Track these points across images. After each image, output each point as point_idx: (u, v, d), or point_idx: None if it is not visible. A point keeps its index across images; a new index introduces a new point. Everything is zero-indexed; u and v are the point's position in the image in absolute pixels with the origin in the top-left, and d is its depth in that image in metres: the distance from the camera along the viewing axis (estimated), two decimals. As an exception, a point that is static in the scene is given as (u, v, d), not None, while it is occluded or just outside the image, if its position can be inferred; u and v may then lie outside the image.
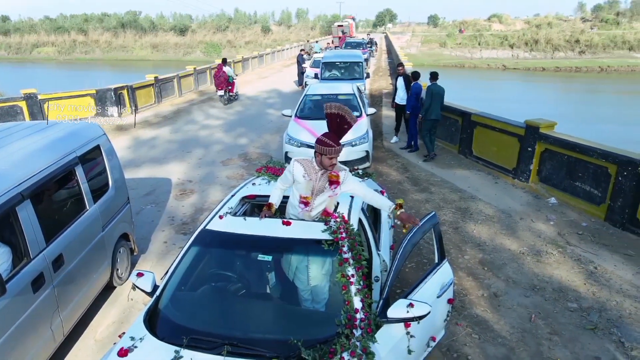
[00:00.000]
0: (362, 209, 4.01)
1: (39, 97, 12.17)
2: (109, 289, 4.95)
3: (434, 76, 9.08)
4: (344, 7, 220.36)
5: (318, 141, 3.34)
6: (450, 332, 4.28)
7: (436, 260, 3.76)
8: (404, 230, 3.40)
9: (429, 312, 2.97)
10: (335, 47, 29.74)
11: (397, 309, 2.96)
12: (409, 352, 3.08)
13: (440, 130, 10.00)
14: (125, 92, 13.91)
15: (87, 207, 4.44)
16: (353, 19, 53.08)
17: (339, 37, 38.95)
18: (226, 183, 8.36)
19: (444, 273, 3.62)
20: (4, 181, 3.40)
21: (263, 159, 9.81)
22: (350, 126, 3.38)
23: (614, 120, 20.69)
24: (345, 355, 2.67)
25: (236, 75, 18.87)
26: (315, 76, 15.62)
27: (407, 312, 2.93)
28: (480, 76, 43.15)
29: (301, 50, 20.93)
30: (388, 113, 13.70)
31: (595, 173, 6.34)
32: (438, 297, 3.45)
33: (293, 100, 16.22)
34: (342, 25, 43.58)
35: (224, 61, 16.59)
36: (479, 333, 4.26)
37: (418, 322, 3.02)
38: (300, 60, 20.04)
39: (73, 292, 4.05)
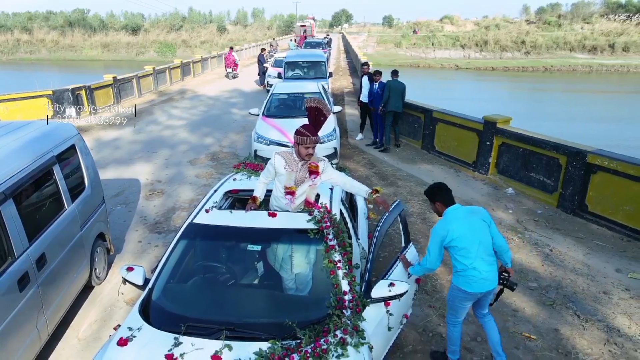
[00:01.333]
0: (342, 200, 4.24)
1: (-9, 98, 11.64)
2: (87, 288, 4.93)
3: (394, 73, 9.76)
4: (300, 7, 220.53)
5: (297, 132, 3.58)
6: (425, 314, 4.59)
7: (403, 244, 4.06)
8: (371, 215, 3.68)
9: (408, 290, 3.25)
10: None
11: (380, 289, 3.23)
12: (389, 329, 3.35)
13: (404, 127, 10.42)
14: (83, 92, 13.50)
15: (66, 207, 4.42)
16: (313, 19, 53.69)
17: (300, 37, 39.27)
18: (196, 182, 8.37)
19: (411, 255, 3.91)
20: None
21: (231, 158, 9.89)
22: (325, 118, 3.66)
23: (561, 117, 22.00)
24: (338, 332, 2.87)
25: (239, 60, 24.29)
26: (279, 75, 15.74)
27: (389, 290, 3.21)
28: (435, 76, 44.45)
29: (262, 50, 20.93)
30: (351, 111, 14.04)
31: (547, 164, 6.87)
32: (408, 277, 3.73)
33: (255, 99, 16.29)
34: (304, 25, 44.40)
35: (232, 48, 23.96)
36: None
37: (399, 300, 3.29)
38: (261, 60, 20.06)
39: (56, 291, 4.04)
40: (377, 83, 9.74)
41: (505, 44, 54.91)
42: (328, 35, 47.34)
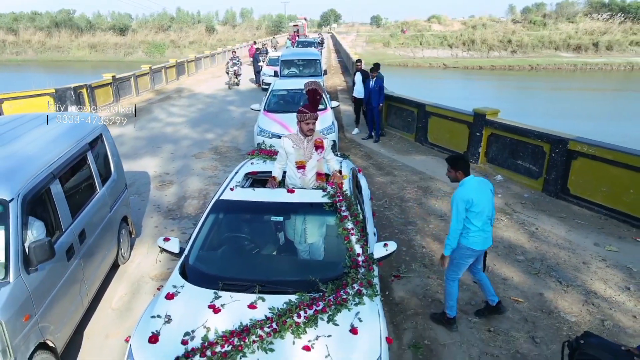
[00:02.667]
0: (350, 180, 4.73)
1: (-4, 97, 11.92)
2: (114, 267, 5.34)
3: (377, 67, 10.56)
4: (288, 7, 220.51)
5: (298, 111, 4.27)
6: (424, 283, 5.09)
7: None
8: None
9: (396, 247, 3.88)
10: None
11: (379, 250, 3.83)
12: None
13: (398, 121, 10.94)
14: (84, 91, 13.83)
15: (98, 190, 4.86)
16: (305, 19, 54.40)
17: (292, 36, 39.90)
18: (202, 174, 8.80)
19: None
20: (37, 163, 3.81)
21: (233, 152, 10.33)
22: (320, 96, 4.40)
23: (547, 114, 22.69)
24: (355, 285, 3.37)
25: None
26: (275, 74, 16.17)
27: (386, 250, 3.81)
28: (424, 75, 45.06)
29: (256, 50, 21.34)
30: (345, 108, 14.51)
31: (533, 152, 7.43)
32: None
33: (250, 97, 16.69)
34: (297, 25, 45.58)
35: (255, 42, 27.92)
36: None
37: (393, 256, 3.85)
38: (256, 59, 20.46)
39: (93, 265, 4.47)
40: (373, 79, 10.19)
41: (492, 43, 55.75)
42: (321, 34, 48.09)
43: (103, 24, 69.26)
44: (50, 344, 3.50)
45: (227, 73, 20.07)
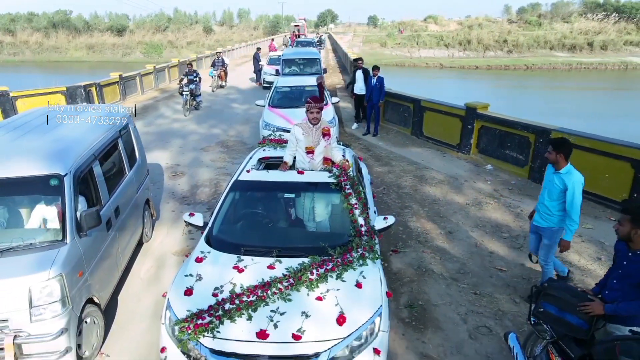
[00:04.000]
0: (352, 165, 5.31)
1: (11, 94, 12.43)
2: (139, 245, 5.89)
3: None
4: (285, 7, 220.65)
5: (306, 102, 4.96)
6: (419, 256, 5.68)
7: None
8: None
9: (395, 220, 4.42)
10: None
11: (379, 223, 4.35)
12: None
13: (395, 116, 11.53)
14: (93, 89, 14.37)
15: (127, 173, 5.44)
16: (304, 20, 55.18)
17: (291, 36, 40.61)
18: (212, 165, 9.37)
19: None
20: (82, 145, 4.39)
21: (240, 145, 10.91)
22: (323, 87, 5.09)
23: (543, 113, 23.27)
24: (359, 250, 3.93)
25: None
26: (277, 73, 16.73)
27: (386, 222, 4.35)
28: (420, 74, 45.54)
29: (257, 49, 21.89)
30: (344, 105, 15.10)
31: (519, 142, 8.03)
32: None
33: (252, 95, 17.28)
34: (298, 25, 46.47)
35: (272, 40, 30.01)
36: (440, 256, 5.68)
37: (391, 234, 4.40)
38: (257, 58, 21.01)
39: (125, 238, 5.05)
40: (375, 77, 10.75)
41: (487, 43, 56.36)
42: (320, 35, 48.84)
43: (100, 24, 69.39)
44: (96, 300, 4.08)
45: (181, 94, 14.28)
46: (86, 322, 3.84)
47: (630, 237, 2.97)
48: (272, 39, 35.62)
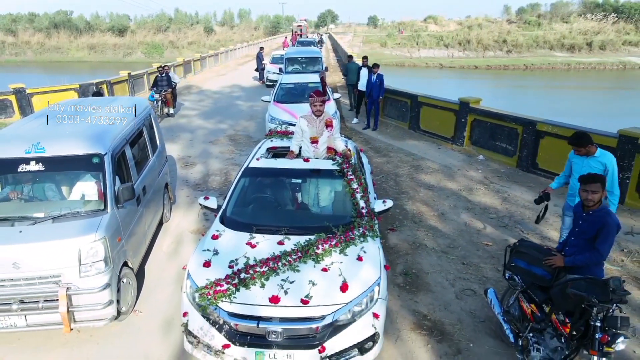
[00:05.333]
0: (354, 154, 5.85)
1: (27, 91, 13.06)
2: (159, 225, 6.49)
3: (350, 57, 14.16)
4: (286, 7, 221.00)
5: (310, 95, 5.43)
6: (414, 234, 6.27)
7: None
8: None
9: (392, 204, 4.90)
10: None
11: (379, 206, 4.78)
12: None
13: (394, 111, 12.14)
14: (104, 86, 14.99)
15: (150, 157, 6.04)
16: (305, 20, 55.84)
17: (293, 36, 41.34)
18: (221, 157, 9.97)
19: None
20: (115, 130, 5.00)
21: (246, 139, 11.51)
22: (325, 82, 5.55)
23: (543, 114, 23.65)
24: (360, 229, 4.33)
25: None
26: (280, 71, 17.35)
27: (385, 205, 4.78)
28: (420, 74, 45.89)
29: (260, 49, 22.52)
30: (345, 101, 15.70)
31: (508, 134, 8.64)
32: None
33: (256, 93, 17.90)
34: (300, 26, 47.26)
35: (286, 37, 32.23)
36: (432, 234, 6.29)
37: (389, 215, 4.90)
38: (260, 57, 21.63)
39: (151, 214, 5.65)
40: (375, 75, 11.35)
41: (487, 43, 56.67)
42: (321, 35, 49.54)
43: (101, 25, 69.49)
44: (129, 264, 4.68)
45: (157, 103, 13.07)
46: (123, 282, 4.44)
47: (600, 200, 3.51)
48: (285, 37, 40.97)
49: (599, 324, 3.04)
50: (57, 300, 3.93)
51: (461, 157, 9.53)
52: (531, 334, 3.61)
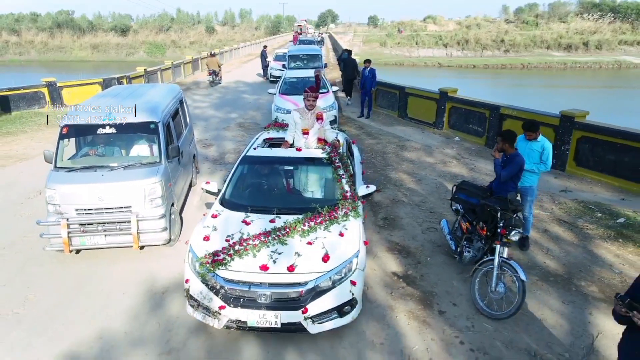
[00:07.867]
0: (344, 146, 7.10)
1: (58, 84, 14.63)
2: (190, 187, 8.02)
3: (349, 52, 14.70)
4: (286, 7, 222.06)
5: (304, 91, 5.99)
6: (394, 194, 7.80)
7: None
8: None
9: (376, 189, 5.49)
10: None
11: (362, 190, 5.22)
12: None
13: (384, 102, 13.70)
14: (125, 81, 16.56)
15: (184, 131, 7.59)
16: (305, 21, 57.41)
17: (294, 36, 43.02)
18: (233, 139, 11.53)
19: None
20: (162, 105, 6.55)
21: (254, 125, 13.06)
22: (319, 79, 7.03)
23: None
24: (343, 209, 4.76)
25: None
26: (283, 67, 18.89)
27: (367, 190, 5.22)
28: (419, 74, 46.45)
29: (264, 47, 24.07)
30: (341, 95, 17.20)
31: (479, 118, 10.18)
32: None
33: (260, 88, 19.44)
34: (301, 25, 48.83)
35: (295, 32, 38.96)
36: (409, 193, 7.82)
37: (372, 197, 6.13)
38: (264, 55, 23.18)
39: (186, 174, 7.21)
40: (367, 69, 12.91)
41: (485, 42, 57.28)
42: (321, 34, 50.99)
43: (104, 24, 69.76)
44: (175, 206, 6.22)
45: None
46: (172, 216, 5.99)
47: (504, 149, 5.07)
48: (295, 32, 46.20)
49: (501, 224, 4.58)
50: (129, 223, 5.48)
51: (440, 138, 11.09)
52: (465, 242, 5.16)
